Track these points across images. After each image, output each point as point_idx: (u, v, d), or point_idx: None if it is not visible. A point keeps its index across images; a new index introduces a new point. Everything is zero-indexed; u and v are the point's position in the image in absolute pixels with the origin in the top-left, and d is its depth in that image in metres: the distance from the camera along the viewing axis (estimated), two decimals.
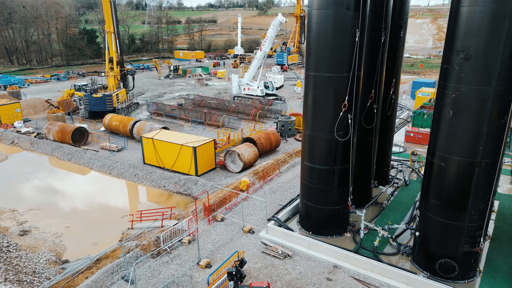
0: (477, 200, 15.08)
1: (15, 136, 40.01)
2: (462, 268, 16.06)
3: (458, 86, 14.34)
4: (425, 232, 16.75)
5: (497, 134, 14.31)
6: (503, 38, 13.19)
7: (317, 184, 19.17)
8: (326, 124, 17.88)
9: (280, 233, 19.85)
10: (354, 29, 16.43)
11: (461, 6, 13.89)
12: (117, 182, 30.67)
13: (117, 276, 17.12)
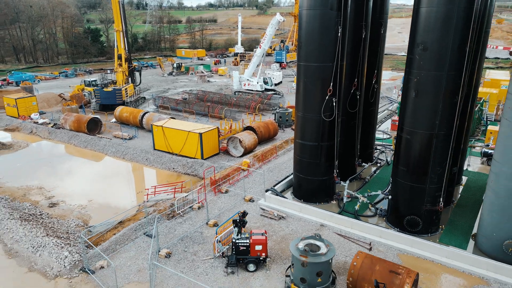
0: (435, 166, 18.49)
1: (33, 127, 43.38)
2: (426, 223, 19.47)
3: (419, 72, 17.75)
4: (396, 195, 20.18)
5: (450, 111, 17.71)
6: (452, 33, 16.60)
7: (308, 158, 22.59)
8: (314, 107, 21.29)
9: (276, 201, 23.28)
10: (337, 26, 19.85)
11: (421, 7, 17.30)
12: (130, 165, 34.03)
13: (139, 232, 20.53)
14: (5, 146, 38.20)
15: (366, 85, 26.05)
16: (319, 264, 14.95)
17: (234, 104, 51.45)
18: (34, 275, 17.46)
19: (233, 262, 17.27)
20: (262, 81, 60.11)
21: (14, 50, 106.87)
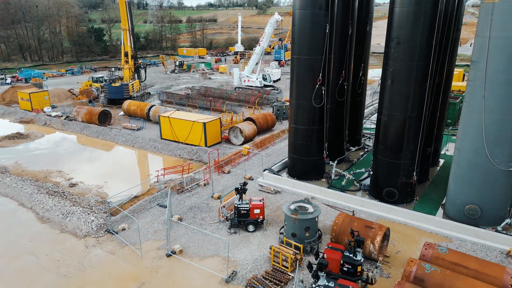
0: (409, 144, 21.54)
1: (47, 119, 46.39)
2: (401, 195, 22.52)
3: (393, 62, 20.81)
4: (376, 170, 23.25)
5: (420, 96, 20.75)
6: (420, 29, 19.66)
7: (300, 141, 25.65)
8: (306, 94, 24.33)
9: (273, 178, 26.33)
10: (325, 24, 22.90)
11: (395, 7, 20.36)
12: (140, 152, 37.04)
13: (153, 204, 23.57)
14: (23, 136, 41.23)
15: (354, 77, 29.09)
16: (306, 221, 18.00)
17: (234, 99, 54.45)
18: (66, 235, 20.50)
19: (235, 224, 20.32)
20: (261, 77, 63.20)
21: (20, 49, 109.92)
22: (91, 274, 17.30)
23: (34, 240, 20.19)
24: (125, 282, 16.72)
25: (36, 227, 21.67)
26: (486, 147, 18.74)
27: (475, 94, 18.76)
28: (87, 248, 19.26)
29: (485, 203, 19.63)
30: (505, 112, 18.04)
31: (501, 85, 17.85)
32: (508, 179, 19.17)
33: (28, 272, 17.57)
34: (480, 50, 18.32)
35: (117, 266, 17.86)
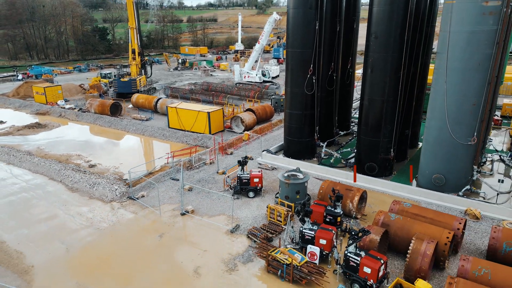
0: (386, 124, 25.15)
1: (62, 111, 49.99)
2: (381, 169, 26.12)
3: (372, 54, 24.43)
4: (359, 148, 26.87)
5: (395, 82, 24.37)
6: (394, 25, 23.28)
7: (295, 124, 29.26)
8: (299, 83, 27.94)
9: (270, 158, 29.96)
10: (315, 21, 26.52)
11: (373, 7, 23.98)
12: (149, 139, 40.63)
13: (167, 178, 27.18)
14: (41, 125, 44.83)
15: (342, 69, 32.72)
16: (297, 185, 21.64)
17: (235, 93, 58.06)
18: (94, 201, 24.13)
19: (238, 191, 23.95)
20: (260, 73, 66.83)
21: (27, 47, 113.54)
22: (119, 227, 20.94)
23: (67, 205, 23.82)
24: (148, 233, 20.35)
25: (67, 195, 25.29)
26: (448, 125, 22.36)
27: (439, 80, 22.38)
28: (113, 210, 22.90)
29: (449, 172, 23.24)
30: (463, 94, 21.65)
31: (458, 72, 21.47)
32: (468, 152, 22.78)
33: (67, 226, 21.17)
34: (442, 43, 21.93)
35: (140, 222, 21.50)
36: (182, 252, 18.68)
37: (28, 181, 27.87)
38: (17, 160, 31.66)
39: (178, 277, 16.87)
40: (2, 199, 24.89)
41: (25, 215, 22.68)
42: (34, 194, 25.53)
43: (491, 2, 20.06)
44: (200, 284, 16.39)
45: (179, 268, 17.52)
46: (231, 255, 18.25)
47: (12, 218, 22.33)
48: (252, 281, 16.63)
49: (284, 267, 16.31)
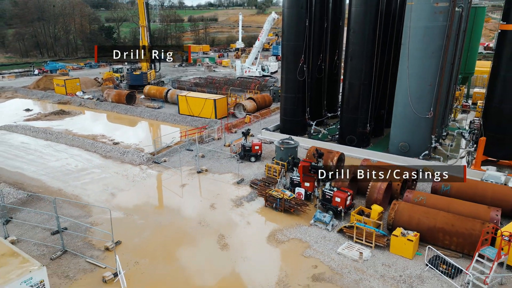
0: (363, 103, 30.76)
1: (81, 100, 55.59)
2: (359, 141, 31.72)
3: (352, 45, 30.05)
4: (342, 123, 32.49)
5: (370, 68, 29.99)
6: (368, 22, 28.90)
7: (289, 106, 34.88)
8: (292, 70, 33.53)
9: (268, 134, 35.60)
10: (305, 19, 32.13)
11: (352, 7, 29.61)
12: (162, 124, 46.21)
13: (182, 149, 32.76)
14: (65, 112, 50.42)
15: (330, 60, 38.33)
16: (289, 149, 27.27)
17: (237, 85, 63.66)
18: (125, 164, 29.76)
19: (242, 156, 29.55)
20: (260, 68, 72.52)
21: (38, 45, 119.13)
22: (149, 181, 26.61)
23: (104, 167, 29.44)
24: (173, 184, 26.02)
25: (102, 160, 30.93)
26: (411, 102, 27.96)
27: (403, 66, 27.99)
28: (142, 170, 28.54)
29: (412, 141, 28.84)
30: (421, 77, 27.25)
31: (417, 59, 27.07)
32: (426, 124, 28.37)
33: (108, 181, 26.76)
34: (405, 36, 27.52)
35: (165, 177, 27.16)
36: (200, 193, 24.33)
37: (66, 150, 33.53)
38: (54, 137, 37.27)
39: (198, 209, 22.51)
40: (52, 162, 30.49)
41: (73, 173, 28.28)
42: (76, 159, 31.18)
43: (440, 3, 25.67)
44: (215, 213, 22.04)
45: (198, 203, 23.19)
46: (238, 197, 23.89)
47: (62, 175, 27.91)
48: (253, 212, 22.27)
49: (277, 201, 21.94)
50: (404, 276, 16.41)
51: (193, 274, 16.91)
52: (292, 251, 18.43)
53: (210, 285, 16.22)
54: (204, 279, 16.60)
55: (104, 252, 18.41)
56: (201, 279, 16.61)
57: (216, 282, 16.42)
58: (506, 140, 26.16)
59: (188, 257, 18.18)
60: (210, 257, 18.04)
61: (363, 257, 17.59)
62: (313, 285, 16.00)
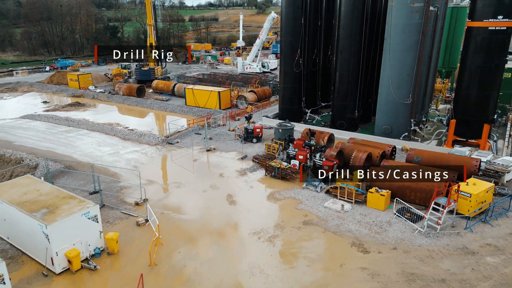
0: (352, 92, 34.95)
1: (94, 94, 59.74)
2: (348, 125, 35.90)
3: (341, 41, 34.25)
4: (333, 110, 36.69)
5: (357, 61, 34.17)
6: (355, 20, 33.09)
7: (287, 95, 39.07)
8: (290, 63, 37.73)
9: (268, 121, 39.78)
10: (301, 18, 36.31)
11: (341, 7, 33.80)
12: (171, 114, 50.36)
13: (192, 133, 36.92)
14: (81, 104, 54.60)
15: (324, 55, 42.52)
16: (286, 130, 31.45)
17: (239, 81, 67.83)
18: (143, 145, 33.92)
19: (245, 138, 33.74)
20: (260, 65, 76.75)
21: (46, 44, 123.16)
22: (165, 157, 30.77)
23: (124, 147, 33.61)
24: (186, 159, 30.24)
25: (122, 142, 35.12)
26: (392, 89, 32.14)
27: (386, 58, 32.16)
28: (158, 149, 32.75)
29: (393, 124, 33.01)
30: (400, 68, 31.41)
31: (397, 52, 31.24)
32: (406, 109, 32.53)
33: (130, 157, 30.89)
34: (387, 32, 31.69)
35: (179, 154, 31.41)
36: (210, 167, 28.56)
37: (88, 134, 37.74)
38: (75, 124, 41.48)
39: (209, 177, 26.74)
40: (77, 143, 34.63)
41: (97, 151, 32.45)
42: (98, 141, 35.39)
43: (416, 4, 29.86)
44: (223, 180, 26.26)
45: (210, 173, 27.45)
46: (242, 169, 28.10)
47: (89, 152, 32.07)
48: (255, 179, 26.46)
49: (276, 170, 26.13)
50: (376, 221, 20.61)
51: (207, 220, 21.11)
52: (287, 205, 22.63)
53: (222, 227, 20.41)
54: (216, 223, 20.80)
55: (134, 206, 22.62)
56: (214, 223, 20.80)
57: (226, 225, 20.62)
58: (472, 122, 30.32)
59: (203, 209, 22.38)
60: (221, 209, 22.25)
61: (345, 209, 21.78)
62: (304, 227, 20.20)
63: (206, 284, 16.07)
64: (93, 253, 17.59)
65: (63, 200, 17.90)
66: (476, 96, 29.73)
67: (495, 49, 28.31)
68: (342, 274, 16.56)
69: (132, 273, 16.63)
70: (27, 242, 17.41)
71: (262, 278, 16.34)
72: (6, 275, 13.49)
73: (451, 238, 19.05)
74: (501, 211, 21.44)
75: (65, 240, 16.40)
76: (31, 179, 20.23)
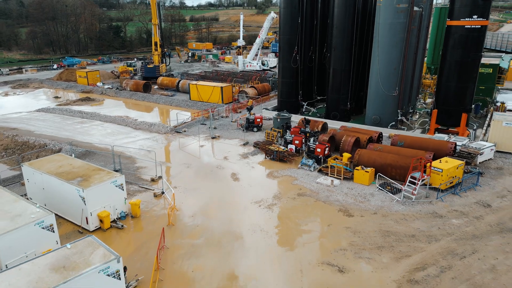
0: (344, 85, 38.14)
1: (103, 90, 62.91)
2: (341, 116, 39.07)
3: (335, 38, 37.44)
4: (328, 102, 39.89)
5: (349, 57, 37.36)
6: (347, 19, 36.30)
7: (285, 89, 42.28)
8: (288, 59, 40.92)
9: (267, 112, 42.99)
10: (298, 17, 39.51)
11: (335, 8, 37.00)
12: (176, 108, 53.53)
13: (198, 123, 40.12)
14: (91, 99, 57.79)
15: (320, 52, 45.73)
16: (284, 119, 34.66)
17: (240, 77, 71.04)
18: (153, 133, 37.14)
19: (246, 127, 36.95)
20: (260, 63, 79.97)
21: (51, 43, 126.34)
22: (174, 143, 34.04)
23: (137, 135, 36.80)
24: (193, 145, 33.46)
25: (133, 131, 38.32)
26: (380, 82, 35.34)
27: (375, 53, 35.36)
28: (168, 137, 35.94)
29: (382, 114, 36.21)
30: (388, 62, 34.60)
31: (385, 48, 34.44)
32: (393, 101, 35.72)
33: (144, 143, 34.07)
34: (376, 30, 34.88)
35: (187, 141, 34.62)
36: (215, 152, 31.77)
37: (102, 124, 40.94)
38: (89, 116, 44.70)
39: (215, 159, 29.96)
40: (93, 131, 37.80)
41: (112, 138, 35.63)
42: (112, 130, 38.59)
43: (401, 4, 33.07)
44: (228, 161, 29.49)
45: (215, 156, 30.66)
46: (244, 153, 31.32)
47: (105, 139, 35.25)
48: (256, 161, 29.67)
49: (274, 153, 29.34)
50: (361, 193, 23.83)
51: (215, 192, 24.33)
52: (284, 181, 25.85)
53: (227, 198, 23.63)
54: (223, 194, 24.03)
55: (150, 182, 25.85)
56: (221, 195, 24.03)
57: (231, 196, 23.84)
58: (452, 111, 33.51)
59: (211, 184, 25.61)
60: (227, 184, 25.49)
61: (334, 184, 25.00)
62: (298, 198, 23.42)
63: (216, 237, 19.29)
64: (119, 216, 20.80)
65: (94, 171, 21.10)
66: (455, 88, 32.92)
67: (471, 45, 31.49)
68: (329, 231, 19.78)
69: (153, 232, 19.85)
70: (64, 207, 20.60)
71: (262, 234, 19.56)
72: (54, 224, 16.69)
73: (424, 205, 22.26)
74: (470, 185, 24.65)
75: (97, 203, 19.60)
76: (63, 156, 23.43)
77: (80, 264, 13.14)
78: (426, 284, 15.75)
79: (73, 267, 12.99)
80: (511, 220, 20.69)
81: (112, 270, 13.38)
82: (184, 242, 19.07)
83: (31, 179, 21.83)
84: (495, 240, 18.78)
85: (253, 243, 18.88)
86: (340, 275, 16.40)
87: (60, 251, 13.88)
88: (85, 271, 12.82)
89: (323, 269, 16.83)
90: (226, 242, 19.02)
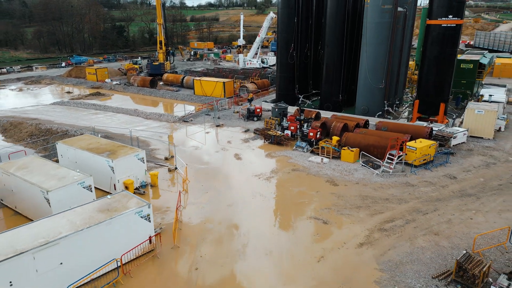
0: (336, 79, 41.99)
1: (111, 85, 66.75)
2: (334, 107, 42.91)
3: (327, 36, 41.29)
4: (321, 94, 43.74)
5: (340, 53, 41.21)
6: (339, 18, 40.14)
7: (283, 82, 46.12)
8: (285, 56, 44.76)
9: (266, 104, 46.82)
10: (295, 16, 43.36)
11: (328, 8, 40.86)
12: (182, 102, 57.34)
13: (202, 114, 43.93)
14: (101, 94, 61.61)
15: (314, 50, 49.57)
16: (281, 108, 38.50)
17: (241, 74, 74.86)
18: (163, 122, 40.99)
19: (247, 117, 40.79)
20: (260, 61, 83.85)
21: (57, 42, 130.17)
22: (182, 130, 37.90)
23: (148, 124, 40.63)
24: (199, 132, 37.32)
25: (144, 120, 42.15)
26: (368, 75, 39.16)
27: (363, 50, 39.17)
28: (176, 125, 39.78)
29: (370, 105, 40.03)
30: (375, 58, 38.41)
31: (372, 45, 38.26)
32: (380, 93, 39.54)
33: (155, 130, 37.88)
34: (364, 28, 38.69)
35: (194, 129, 38.48)
36: (220, 137, 35.62)
37: (115, 115, 44.78)
38: (102, 108, 48.54)
39: (219, 143, 33.83)
40: (108, 121, 41.61)
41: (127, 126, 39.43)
42: (125, 119, 42.43)
43: (386, 5, 36.90)
44: (231, 145, 33.35)
45: (219, 141, 34.53)
46: (245, 138, 35.17)
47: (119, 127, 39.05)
48: (256, 145, 33.52)
49: (272, 137, 33.17)
50: (346, 169, 27.68)
51: (220, 168, 28.20)
52: (280, 160, 29.70)
53: (231, 172, 27.48)
54: (227, 170, 27.88)
55: (164, 160, 29.69)
56: (226, 170, 27.87)
57: (234, 171, 27.69)
58: (431, 102, 37.34)
59: (216, 162, 29.48)
60: (231, 163, 29.36)
61: (323, 161, 28.83)
62: (292, 172, 27.27)
63: (224, 200, 23.15)
64: (141, 185, 24.63)
65: (119, 147, 24.94)
66: (433, 81, 36.73)
67: (448, 42, 35.31)
68: (317, 195, 23.65)
69: (170, 197, 23.69)
70: (94, 177, 24.31)
71: (261, 199, 23.42)
72: (92, 185, 20.50)
73: (399, 178, 26.11)
74: (441, 162, 28.50)
75: (123, 172, 23.43)
76: (90, 136, 27.27)
77: (120, 208, 16.99)
78: (393, 232, 19.59)
79: (115, 210, 16.83)
80: (472, 188, 24.53)
81: (144, 213, 17.21)
82: (196, 202, 22.94)
83: (64, 154, 25.65)
84: (455, 202, 22.62)
85: (254, 204, 22.73)
86: (324, 225, 20.25)
87: (103, 200, 17.74)
88: (125, 212, 16.66)
89: (310, 221, 20.68)
90: (230, 203, 22.86)
